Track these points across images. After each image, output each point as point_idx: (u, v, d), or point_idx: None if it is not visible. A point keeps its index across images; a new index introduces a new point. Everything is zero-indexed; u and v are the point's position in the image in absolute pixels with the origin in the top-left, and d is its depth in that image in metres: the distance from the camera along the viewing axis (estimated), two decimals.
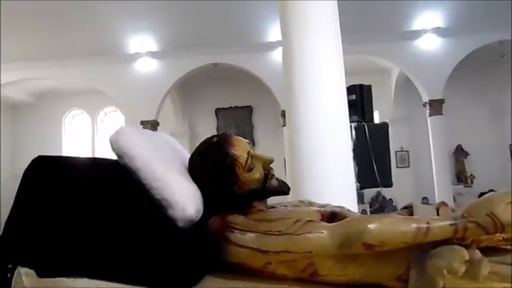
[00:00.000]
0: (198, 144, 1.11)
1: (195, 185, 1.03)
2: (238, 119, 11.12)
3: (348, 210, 1.15)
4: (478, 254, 0.86)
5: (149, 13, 8.35)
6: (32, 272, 0.92)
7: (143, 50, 9.35)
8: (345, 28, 2.92)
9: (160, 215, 0.95)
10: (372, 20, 8.48)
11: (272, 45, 8.66)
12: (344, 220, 0.95)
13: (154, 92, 9.33)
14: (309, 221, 0.93)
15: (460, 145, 10.85)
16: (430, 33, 9.07)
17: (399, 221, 0.90)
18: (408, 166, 10.85)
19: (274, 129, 9.95)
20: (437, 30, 9.04)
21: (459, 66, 9.02)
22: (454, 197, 9.21)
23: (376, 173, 2.74)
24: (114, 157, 1.02)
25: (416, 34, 9.11)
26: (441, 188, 8.84)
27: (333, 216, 1.07)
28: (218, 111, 11.37)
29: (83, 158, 1.08)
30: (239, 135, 1.18)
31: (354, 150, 2.70)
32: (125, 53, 9.39)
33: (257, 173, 1.04)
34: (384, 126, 3.07)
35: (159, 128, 9.57)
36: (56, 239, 0.92)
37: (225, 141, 1.04)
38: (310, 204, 1.23)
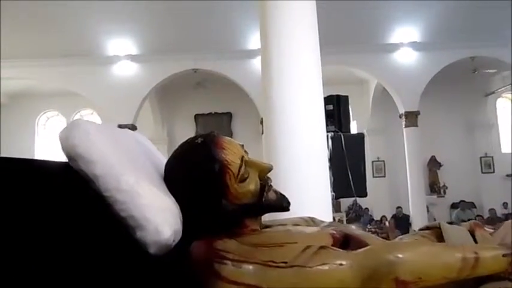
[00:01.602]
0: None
1: (173, 199, 0.81)
2: (218, 125, 11.09)
3: (363, 232, 0.95)
4: None
5: (129, 16, 8.26)
6: None
7: (122, 52, 9.22)
8: (324, 39, 2.96)
9: (127, 238, 0.72)
10: (351, 32, 8.66)
11: (252, 53, 8.70)
12: (368, 248, 0.76)
13: (132, 96, 9.19)
14: (321, 247, 0.74)
15: (433, 156, 11.16)
16: (406, 47, 9.35)
17: (439, 250, 0.74)
18: (384, 176, 11.06)
19: (253, 136, 9.97)
20: (414, 44, 9.32)
21: (434, 80, 9.32)
22: (427, 207, 9.44)
23: (352, 183, 2.77)
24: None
25: (394, 47, 9.37)
26: (415, 197, 9.05)
27: (346, 239, 0.86)
28: (197, 117, 11.30)
29: (22, 159, 0.73)
30: None
31: (330, 160, 2.72)
32: (104, 55, 9.23)
33: (252, 184, 0.82)
34: (360, 137, 3.12)
35: (136, 133, 9.39)
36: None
37: (212, 142, 0.81)
38: (313, 221, 1.00)
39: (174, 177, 0.83)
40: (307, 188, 2.51)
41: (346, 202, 9.59)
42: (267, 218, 0.92)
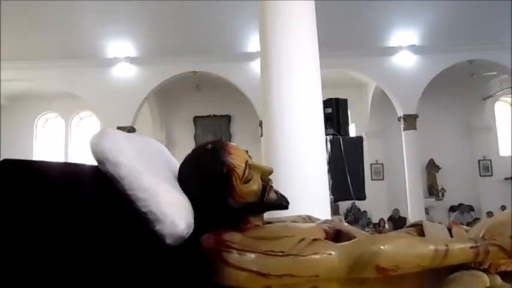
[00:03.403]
0: (176, 152, 1.00)
1: (186, 197, 0.92)
2: (217, 127, 11.09)
3: (354, 228, 1.07)
4: (498, 280, 0.82)
5: (129, 18, 8.28)
6: None
7: (122, 55, 9.24)
8: (323, 42, 2.97)
9: (147, 229, 0.83)
10: (350, 35, 8.70)
11: (252, 56, 8.73)
12: (354, 240, 0.87)
13: (131, 98, 9.20)
14: (314, 239, 0.84)
15: (432, 159, 11.17)
16: (405, 50, 9.38)
17: (415, 242, 0.84)
18: (383, 179, 11.06)
19: (252, 138, 9.97)
20: (412, 48, 9.36)
21: (432, 83, 9.34)
22: (426, 210, 9.44)
23: (350, 186, 2.77)
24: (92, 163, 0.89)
25: (393, 50, 9.40)
26: (413, 200, 9.06)
27: (338, 234, 0.97)
28: (196, 120, 11.31)
29: (56, 162, 0.93)
30: None
31: (329, 163, 2.73)
32: (103, 57, 9.25)
33: (255, 185, 0.93)
34: (358, 140, 3.12)
35: (135, 135, 9.40)
36: (22, 257, 0.76)
37: (221, 148, 0.93)
38: (310, 219, 1.12)
39: (187, 178, 0.95)
40: (306, 190, 2.51)
41: (344, 205, 9.58)
42: (267, 215, 1.02)
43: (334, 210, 8.99)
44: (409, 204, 9.11)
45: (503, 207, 10.34)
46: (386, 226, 9.14)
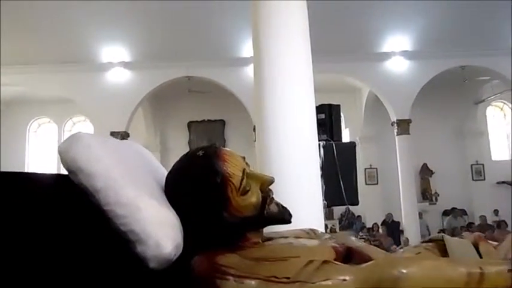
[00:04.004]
0: (170, 157, 0.84)
1: (174, 212, 0.80)
2: (211, 132, 11.09)
3: (365, 244, 0.95)
4: None
5: (123, 23, 8.28)
6: None
7: (116, 59, 9.22)
8: (317, 47, 2.99)
9: (127, 252, 0.71)
10: (343, 40, 8.76)
11: (246, 61, 8.75)
12: (372, 262, 0.75)
13: (125, 103, 9.17)
14: (324, 262, 0.73)
15: (425, 164, 11.25)
16: (398, 56, 9.47)
17: (443, 265, 0.73)
18: (377, 183, 11.11)
19: (246, 143, 9.97)
20: (405, 53, 9.45)
21: (425, 88, 9.43)
22: (419, 214, 9.49)
23: (343, 191, 2.78)
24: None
25: (386, 56, 9.49)
26: (407, 205, 9.10)
27: (349, 252, 0.87)
28: (190, 125, 11.30)
29: (17, 172, 0.72)
30: None
31: (322, 169, 2.74)
32: (97, 62, 9.22)
33: (253, 197, 0.82)
34: (351, 146, 3.14)
35: (129, 140, 9.38)
36: None
37: (214, 155, 0.81)
38: (315, 233, 0.99)
39: (175, 189, 0.83)
40: (299, 196, 2.51)
41: (338, 210, 9.61)
42: (268, 229, 0.91)
43: (328, 216, 9.02)
44: (402, 208, 9.15)
45: (495, 211, 10.43)
46: (380, 231, 9.18)
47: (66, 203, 0.72)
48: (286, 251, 0.79)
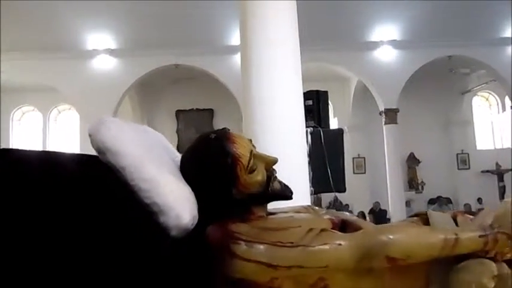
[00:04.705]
0: None
1: (189, 187, 0.89)
2: (199, 121, 11.01)
3: (358, 218, 1.09)
4: (506, 268, 0.83)
5: (109, 9, 8.09)
6: None
7: (101, 47, 9.04)
8: (306, 36, 2.97)
9: (151, 222, 0.80)
10: (332, 29, 8.73)
11: (235, 49, 8.64)
12: (363, 230, 0.88)
13: (112, 91, 9.02)
14: (322, 230, 0.83)
15: (412, 153, 11.38)
16: (386, 45, 9.49)
17: (425, 231, 0.85)
18: (364, 172, 11.21)
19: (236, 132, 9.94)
20: (393, 43, 9.47)
21: (412, 78, 9.49)
22: (406, 202, 9.63)
23: (330, 178, 2.79)
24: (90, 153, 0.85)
25: (374, 45, 9.49)
26: (394, 193, 9.22)
27: (343, 224, 0.98)
28: (179, 113, 11.19)
29: (51, 152, 0.87)
30: None
31: (309, 155, 2.73)
32: (82, 49, 9.03)
33: (259, 175, 0.90)
34: (339, 133, 3.14)
35: None
36: (16, 253, 0.70)
37: (225, 138, 0.90)
38: (313, 209, 1.10)
39: (190, 168, 0.91)
40: (286, 182, 2.51)
41: (327, 198, 9.68)
42: (270, 206, 1.00)
43: (316, 204, 9.06)
44: (390, 197, 9.27)
45: (479, 200, 10.65)
46: (368, 219, 9.29)
47: (95, 179, 0.83)
48: (289, 222, 0.89)
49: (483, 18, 8.88)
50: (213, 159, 0.88)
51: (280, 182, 0.95)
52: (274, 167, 0.95)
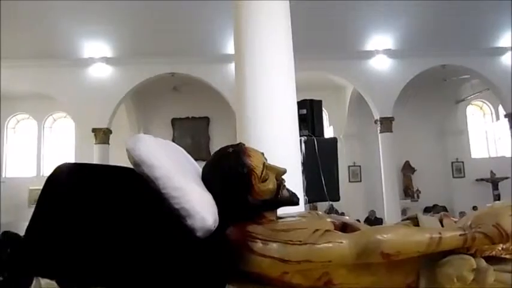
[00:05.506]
0: None
1: (210, 195, 1.03)
2: (195, 129, 10.99)
3: (356, 221, 1.23)
4: (484, 263, 0.94)
5: (105, 18, 8.12)
6: (52, 283, 0.92)
7: (97, 55, 9.05)
8: (303, 45, 2.98)
9: (180, 224, 0.94)
10: (328, 39, 8.80)
11: (230, 57, 8.66)
12: (361, 231, 1.01)
13: (107, 99, 9.01)
14: (326, 230, 0.96)
15: (407, 161, 11.40)
16: (381, 54, 9.57)
17: (413, 231, 0.98)
18: (360, 181, 11.21)
19: (231, 141, 9.84)
20: (388, 52, 9.55)
21: (407, 87, 9.55)
22: (403, 211, 9.61)
23: (324, 187, 2.78)
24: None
25: (369, 54, 9.57)
26: (390, 202, 9.21)
27: (344, 226, 1.12)
28: (174, 122, 11.18)
29: (102, 165, 1.08)
30: (195, 146, 1.21)
31: (303, 164, 2.73)
32: (78, 58, 9.03)
33: (271, 184, 1.04)
34: (333, 141, 3.14)
35: (111, 136, 9.22)
36: (77, 250, 0.90)
37: (241, 151, 1.05)
38: (317, 214, 1.23)
39: (212, 178, 1.07)
40: None
41: (323, 206, 9.67)
42: (279, 210, 1.14)
43: None
44: (385, 205, 9.26)
45: (474, 208, 10.65)
46: None
47: (132, 188, 0.98)
48: (297, 224, 1.04)
49: (477, 28, 8.99)
50: (232, 170, 1.02)
51: (288, 190, 1.09)
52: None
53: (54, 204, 0.93)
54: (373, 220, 9.58)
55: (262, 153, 1.09)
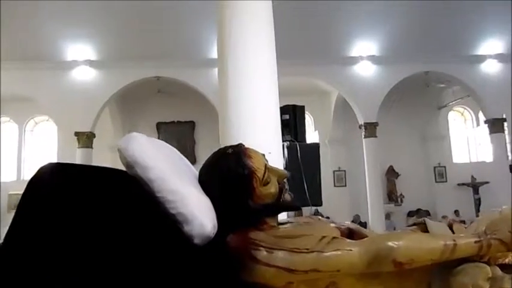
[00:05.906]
0: None
1: (208, 198, 0.95)
2: (181, 134, 10.93)
3: (361, 227, 1.16)
4: (499, 271, 0.90)
5: (89, 20, 8.03)
6: None
7: (81, 57, 8.93)
8: (287, 51, 3.00)
9: (176, 231, 0.86)
10: (313, 45, 8.89)
11: (216, 62, 8.58)
12: (371, 237, 0.95)
13: (91, 103, 8.89)
14: (334, 237, 0.90)
15: (391, 166, 11.56)
16: (366, 60, 9.71)
17: (426, 238, 0.93)
18: (345, 185, 11.30)
19: (216, 145, 9.84)
20: (372, 58, 9.70)
21: (391, 93, 9.70)
22: (386, 215, 9.72)
23: (307, 192, 2.79)
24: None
25: (354, 60, 9.70)
26: (374, 206, 9.31)
27: (350, 233, 1.05)
28: (160, 126, 11.10)
29: (89, 166, 0.97)
30: (181, 151, 1.12)
31: (286, 169, 2.73)
32: (61, 60, 8.90)
33: (273, 187, 0.97)
34: (315, 147, 3.16)
35: (95, 140, 9.09)
36: (62, 258, 0.81)
37: (242, 152, 0.97)
38: (319, 219, 1.18)
39: (210, 180, 0.98)
40: None
41: (306, 211, 9.69)
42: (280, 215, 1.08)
43: (297, 216, 9.05)
44: (369, 210, 9.35)
45: (456, 212, 10.85)
46: None
47: (124, 191, 0.89)
48: (302, 230, 0.97)
49: (458, 35, 9.21)
50: (231, 171, 0.94)
51: (290, 194, 1.01)
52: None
53: (37, 207, 0.83)
54: (358, 224, 9.66)
55: (263, 155, 1.01)
